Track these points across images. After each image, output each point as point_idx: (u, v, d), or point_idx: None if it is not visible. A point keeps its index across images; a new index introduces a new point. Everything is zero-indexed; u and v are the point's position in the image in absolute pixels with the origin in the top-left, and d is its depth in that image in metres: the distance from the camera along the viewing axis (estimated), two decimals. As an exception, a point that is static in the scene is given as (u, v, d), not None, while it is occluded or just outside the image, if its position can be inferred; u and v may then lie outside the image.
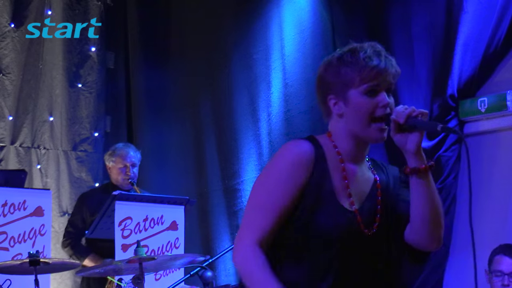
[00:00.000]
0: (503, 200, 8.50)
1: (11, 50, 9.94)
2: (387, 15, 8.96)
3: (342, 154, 3.86)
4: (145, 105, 10.63)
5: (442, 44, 8.67)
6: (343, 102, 3.82)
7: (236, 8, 10.13)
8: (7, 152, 9.82)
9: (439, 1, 8.69)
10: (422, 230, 3.87)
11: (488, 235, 7.80)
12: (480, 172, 8.40)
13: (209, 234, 9.90)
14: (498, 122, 8.71)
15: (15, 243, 7.71)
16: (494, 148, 8.73)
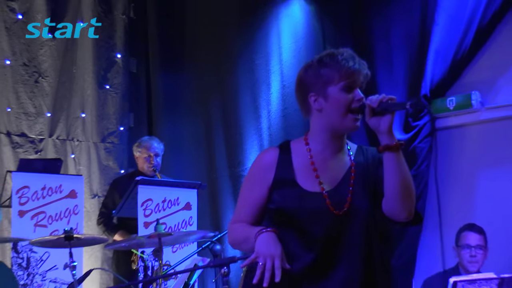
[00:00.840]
0: (469, 185, 8.52)
1: (49, 56, 9.95)
2: (370, 27, 8.98)
3: (312, 151, 4.02)
4: (163, 104, 10.63)
5: (416, 51, 8.69)
6: (323, 98, 3.93)
7: (240, 21, 10.14)
8: (46, 144, 9.84)
9: (414, 14, 8.70)
10: (394, 201, 3.90)
11: (455, 216, 7.82)
12: (449, 161, 8.43)
13: (218, 213, 9.92)
14: (464, 118, 8.74)
15: (53, 221, 7.76)
16: (461, 141, 8.74)
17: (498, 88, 8.52)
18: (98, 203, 9.33)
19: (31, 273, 7.31)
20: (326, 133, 3.98)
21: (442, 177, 8.30)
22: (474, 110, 8.60)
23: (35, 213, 7.76)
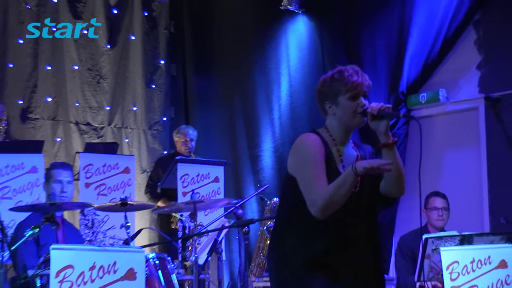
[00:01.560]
0: (436, 163, 8.54)
1: (107, 63, 9.99)
2: (359, 38, 8.97)
3: (335, 139, 4.06)
4: (196, 99, 10.65)
5: (395, 57, 8.70)
6: (335, 105, 4.04)
7: (257, 34, 10.14)
8: (106, 131, 9.90)
9: (393, 28, 8.72)
10: (393, 184, 4.09)
11: (426, 187, 7.82)
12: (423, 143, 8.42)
13: (240, 185, 9.93)
14: (433, 110, 8.79)
15: (111, 191, 7.80)
16: (431, 128, 8.77)
17: (460, 86, 8.54)
18: (146, 177, 9.38)
19: (95, 232, 7.37)
20: (341, 129, 4.09)
21: (415, 156, 8.32)
22: (441, 103, 8.64)
23: (98, 184, 7.82)
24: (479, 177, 8.28)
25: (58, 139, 9.51)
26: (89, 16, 9.85)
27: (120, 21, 10.14)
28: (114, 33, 10.06)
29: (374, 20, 8.88)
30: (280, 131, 9.81)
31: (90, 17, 9.85)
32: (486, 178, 8.20)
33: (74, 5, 9.74)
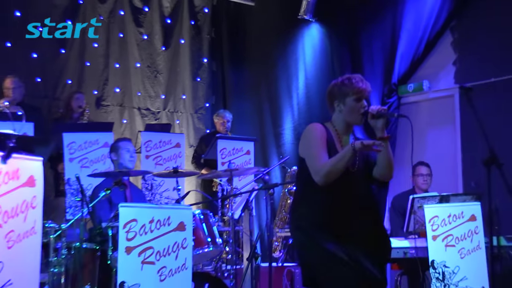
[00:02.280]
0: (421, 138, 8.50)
1: (162, 61, 9.98)
2: (359, 41, 8.94)
3: (338, 131, 4.19)
4: (232, 89, 10.65)
5: (388, 55, 8.70)
6: (343, 104, 4.16)
7: (279, 37, 10.11)
8: (161, 115, 9.90)
9: (387, 32, 8.70)
10: (384, 170, 4.19)
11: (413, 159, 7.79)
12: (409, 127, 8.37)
13: (266, 156, 9.92)
14: (418, 97, 8.81)
15: (166, 161, 7.84)
16: (416, 111, 8.74)
17: (439, 78, 8.53)
18: (192, 150, 9.37)
19: (153, 193, 7.36)
20: (344, 124, 4.18)
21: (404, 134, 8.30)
22: (425, 92, 8.65)
23: (155, 156, 7.85)
24: (455, 150, 8.28)
25: (124, 121, 9.56)
26: (149, 25, 9.86)
27: (172, 28, 10.13)
28: (167, 37, 10.06)
29: (372, 26, 8.85)
30: (298, 114, 9.80)
31: (150, 25, 9.87)
32: (460, 151, 8.21)
33: (137, 16, 9.76)
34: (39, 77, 8.87)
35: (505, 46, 7.66)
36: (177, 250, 4.67)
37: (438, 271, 5.92)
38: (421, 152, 8.27)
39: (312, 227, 4.10)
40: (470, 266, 6.03)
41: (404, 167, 7.24)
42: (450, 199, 6.48)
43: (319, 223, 4.09)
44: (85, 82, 9.26)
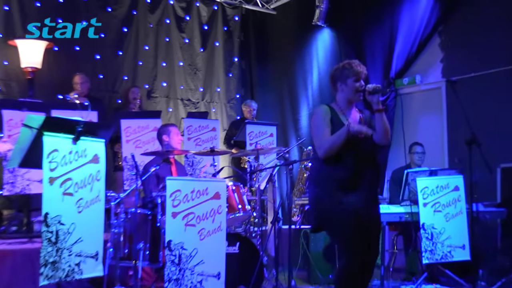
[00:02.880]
0: (414, 123, 8.48)
1: (201, 60, 9.96)
2: (363, 42, 8.91)
3: (341, 108, 4.25)
4: (258, 83, 10.66)
5: (387, 54, 8.69)
6: (345, 85, 4.25)
7: (297, 39, 10.10)
8: (200, 104, 9.87)
9: (385, 35, 8.67)
10: (381, 136, 4.21)
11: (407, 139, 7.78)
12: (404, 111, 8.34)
13: (286, 138, 9.94)
14: (412, 89, 8.76)
15: (204, 143, 7.83)
16: (410, 101, 8.69)
17: (429, 73, 8.49)
18: (225, 133, 9.36)
19: (194, 168, 7.43)
20: (346, 101, 4.27)
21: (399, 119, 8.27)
22: (417, 84, 8.60)
23: (195, 138, 7.83)
24: (442, 132, 8.24)
25: (170, 110, 9.59)
26: (190, 31, 9.87)
27: (209, 33, 10.12)
28: (205, 41, 10.05)
29: (373, 30, 8.81)
30: (312, 103, 9.79)
31: (190, 31, 9.88)
32: (446, 133, 8.17)
33: (180, 24, 9.77)
34: (101, 74, 8.96)
35: (483, 46, 7.60)
36: (214, 215, 4.70)
37: (427, 232, 5.92)
38: (414, 134, 8.25)
39: (328, 184, 4.17)
40: (453, 227, 6.04)
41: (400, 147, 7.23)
42: (438, 173, 6.46)
43: (333, 180, 4.14)
44: (138, 78, 9.31)
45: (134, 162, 5.35)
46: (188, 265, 4.52)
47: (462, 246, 6.01)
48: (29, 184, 6.43)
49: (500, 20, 7.38)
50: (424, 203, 5.97)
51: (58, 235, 3.81)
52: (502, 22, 7.34)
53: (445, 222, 6.01)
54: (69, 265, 3.90)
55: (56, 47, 8.34)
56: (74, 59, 8.63)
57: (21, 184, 6.41)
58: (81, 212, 3.95)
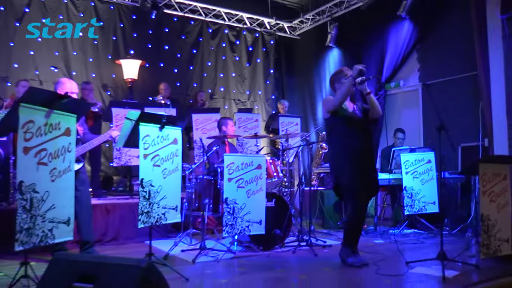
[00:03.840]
0: (397, 116, 8.33)
1: (247, 72, 9.88)
2: (362, 58, 8.73)
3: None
4: (287, 88, 10.56)
5: (379, 66, 8.47)
6: (339, 84, 4.20)
7: (315, 57, 9.97)
8: (247, 103, 9.84)
9: (378, 52, 8.49)
10: (374, 110, 4.19)
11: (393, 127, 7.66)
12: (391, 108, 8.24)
13: (307, 126, 9.83)
14: (397, 91, 8.56)
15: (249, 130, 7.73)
16: (395, 100, 8.52)
17: (409, 79, 8.33)
18: (264, 123, 9.31)
19: (243, 148, 7.38)
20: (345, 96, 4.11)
21: (387, 112, 8.16)
22: (401, 87, 8.41)
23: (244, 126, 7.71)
24: (418, 122, 8.06)
25: (226, 107, 9.63)
26: (239, 51, 9.85)
27: (253, 53, 10.07)
28: (250, 58, 10.02)
29: (369, 48, 8.65)
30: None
31: (239, 51, 9.86)
32: (422, 122, 8.00)
33: (232, 46, 9.76)
34: (178, 83, 9.04)
35: (450, 58, 7.45)
36: (257, 180, 4.72)
37: (408, 192, 5.85)
38: (398, 123, 8.11)
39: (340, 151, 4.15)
40: (427, 189, 5.96)
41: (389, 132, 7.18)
42: (416, 150, 6.38)
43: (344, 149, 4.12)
44: (203, 85, 9.36)
45: (202, 143, 5.39)
46: (239, 215, 4.56)
47: (433, 202, 5.94)
48: (130, 158, 6.57)
49: (462, 38, 7.19)
50: (406, 171, 5.90)
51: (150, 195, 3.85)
52: (464, 39, 7.14)
53: (421, 185, 5.93)
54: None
55: (147, 64, 8.45)
56: (159, 72, 8.74)
57: (125, 158, 6.55)
58: (165, 178, 3.99)
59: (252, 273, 3.92)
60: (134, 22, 8.59)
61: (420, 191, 5.90)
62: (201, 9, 9.26)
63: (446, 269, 3.70)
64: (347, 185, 4.13)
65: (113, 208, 5.64)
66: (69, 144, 3.24)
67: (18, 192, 2.83)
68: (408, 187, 5.85)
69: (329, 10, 9.45)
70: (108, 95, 8.26)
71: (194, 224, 5.65)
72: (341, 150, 4.15)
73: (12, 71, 7.41)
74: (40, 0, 7.69)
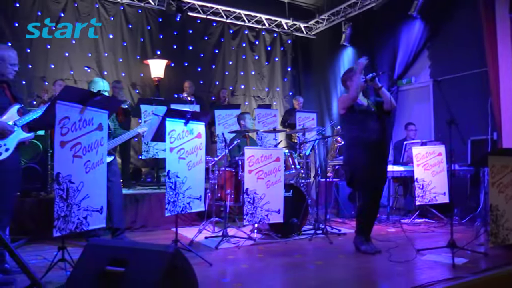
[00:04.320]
0: (408, 110, 8.23)
1: (266, 70, 9.75)
2: (375, 56, 8.62)
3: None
4: (304, 85, 10.48)
5: (392, 63, 8.36)
6: (351, 82, 4.13)
7: (330, 55, 9.86)
8: (265, 99, 9.81)
9: (391, 50, 8.38)
10: (387, 102, 4.12)
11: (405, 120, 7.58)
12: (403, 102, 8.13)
13: (323, 120, 9.75)
14: (409, 87, 8.40)
15: (268, 124, 7.70)
16: (407, 95, 8.39)
17: (421, 75, 8.17)
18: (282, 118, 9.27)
19: (262, 142, 7.37)
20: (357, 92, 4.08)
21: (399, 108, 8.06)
22: (413, 84, 8.25)
23: (263, 122, 7.69)
24: (429, 116, 7.91)
25: (246, 103, 9.60)
26: (258, 51, 9.82)
27: (271, 52, 10.01)
28: (269, 57, 9.97)
29: (382, 46, 8.51)
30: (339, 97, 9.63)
31: (258, 51, 9.83)
32: (433, 117, 7.86)
33: (252, 46, 9.74)
34: (201, 81, 9.06)
35: (460, 55, 7.30)
36: (276, 171, 4.72)
37: (419, 184, 5.78)
38: (409, 117, 8.00)
39: (354, 144, 4.11)
40: (437, 180, 5.88)
41: (401, 126, 7.08)
42: (427, 144, 6.30)
43: (358, 142, 4.08)
44: (225, 82, 9.36)
45: (224, 137, 5.41)
46: (259, 204, 4.57)
47: (443, 193, 5.85)
48: (157, 152, 6.62)
49: (472, 35, 7.04)
50: (417, 164, 5.83)
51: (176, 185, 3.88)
52: (473, 37, 6.99)
53: (432, 177, 5.85)
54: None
55: (172, 63, 8.50)
56: (184, 71, 8.77)
57: (152, 151, 6.60)
58: (190, 170, 4.02)
59: (271, 259, 3.93)
60: (160, 25, 8.63)
61: (431, 183, 5.82)
62: (223, 11, 9.25)
63: (455, 257, 3.65)
64: (358, 176, 4.11)
65: (142, 198, 5.71)
66: (102, 138, 3.25)
67: (56, 182, 2.87)
68: (419, 179, 5.78)
69: (343, 11, 9.34)
70: (136, 93, 8.33)
71: (217, 213, 5.68)
72: (355, 143, 4.11)
73: (49, 71, 7.53)
74: (74, 5, 7.79)
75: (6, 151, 3.12)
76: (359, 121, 4.09)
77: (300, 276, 3.37)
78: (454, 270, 3.45)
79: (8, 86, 3.28)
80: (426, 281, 3.13)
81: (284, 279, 3.37)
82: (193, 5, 8.90)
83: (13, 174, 3.19)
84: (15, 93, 3.31)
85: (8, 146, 3.14)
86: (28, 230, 4.73)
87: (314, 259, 3.92)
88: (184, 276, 2.21)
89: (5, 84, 3.24)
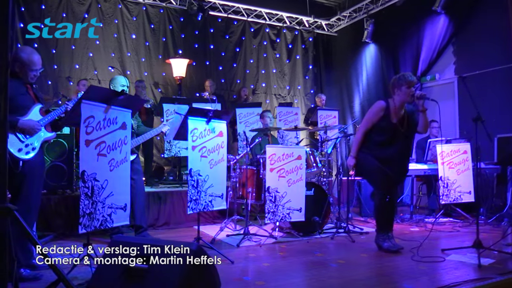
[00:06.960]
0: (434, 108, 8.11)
1: (287, 68, 9.75)
2: (398, 53, 8.52)
3: (396, 106, 3.99)
4: (325, 82, 10.42)
5: (415, 60, 8.22)
6: (399, 90, 4.01)
7: (352, 52, 9.78)
8: (287, 97, 9.84)
9: (414, 47, 8.26)
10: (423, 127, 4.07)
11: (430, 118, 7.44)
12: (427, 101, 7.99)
13: (345, 118, 9.67)
14: (433, 84, 8.27)
15: (289, 122, 7.70)
16: (431, 91, 8.25)
17: (445, 72, 8.04)
18: (303, 116, 9.23)
19: (284, 140, 7.36)
20: (400, 102, 4.02)
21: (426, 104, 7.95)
22: (437, 80, 8.13)
23: (284, 119, 7.69)
24: (454, 113, 7.78)
25: (267, 101, 9.61)
26: (279, 49, 9.81)
27: (292, 50, 10.00)
28: (290, 55, 9.94)
29: (405, 43, 8.41)
30: (362, 95, 9.46)
31: (279, 49, 9.82)
32: (458, 114, 7.72)
33: (273, 44, 9.73)
34: (223, 79, 9.10)
35: (485, 51, 7.14)
36: (297, 170, 4.70)
37: (444, 182, 5.68)
38: (433, 115, 7.85)
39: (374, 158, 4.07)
40: (463, 179, 5.77)
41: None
42: (451, 141, 6.19)
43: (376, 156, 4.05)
44: (246, 81, 9.37)
45: (245, 135, 5.42)
46: (280, 203, 4.56)
47: (469, 192, 5.73)
48: (180, 150, 6.67)
49: (497, 31, 6.89)
50: (441, 162, 5.72)
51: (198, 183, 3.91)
52: (499, 32, 6.83)
53: (457, 175, 5.74)
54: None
55: (194, 62, 8.55)
56: (205, 70, 8.83)
57: (175, 150, 6.66)
58: (212, 168, 4.04)
59: (293, 257, 3.92)
60: (182, 24, 8.70)
61: (455, 181, 5.70)
62: (244, 10, 9.26)
63: (481, 257, 3.57)
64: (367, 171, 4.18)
65: (165, 196, 5.77)
66: (125, 137, 3.26)
67: (81, 180, 2.89)
68: (444, 177, 5.68)
69: (365, 7, 9.24)
70: (159, 92, 8.42)
71: (239, 211, 5.70)
72: (369, 156, 4.11)
73: (74, 72, 7.68)
74: (98, 6, 7.91)
75: (33, 150, 3.19)
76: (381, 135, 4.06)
77: (322, 274, 3.34)
78: (480, 271, 3.37)
79: (31, 86, 3.35)
80: (451, 281, 3.07)
81: (306, 278, 3.35)
82: (214, 4, 8.93)
83: (39, 172, 3.25)
84: (36, 92, 3.38)
85: (35, 145, 3.21)
86: (54, 226, 4.82)
87: (336, 258, 3.89)
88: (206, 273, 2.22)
89: (28, 84, 3.30)
